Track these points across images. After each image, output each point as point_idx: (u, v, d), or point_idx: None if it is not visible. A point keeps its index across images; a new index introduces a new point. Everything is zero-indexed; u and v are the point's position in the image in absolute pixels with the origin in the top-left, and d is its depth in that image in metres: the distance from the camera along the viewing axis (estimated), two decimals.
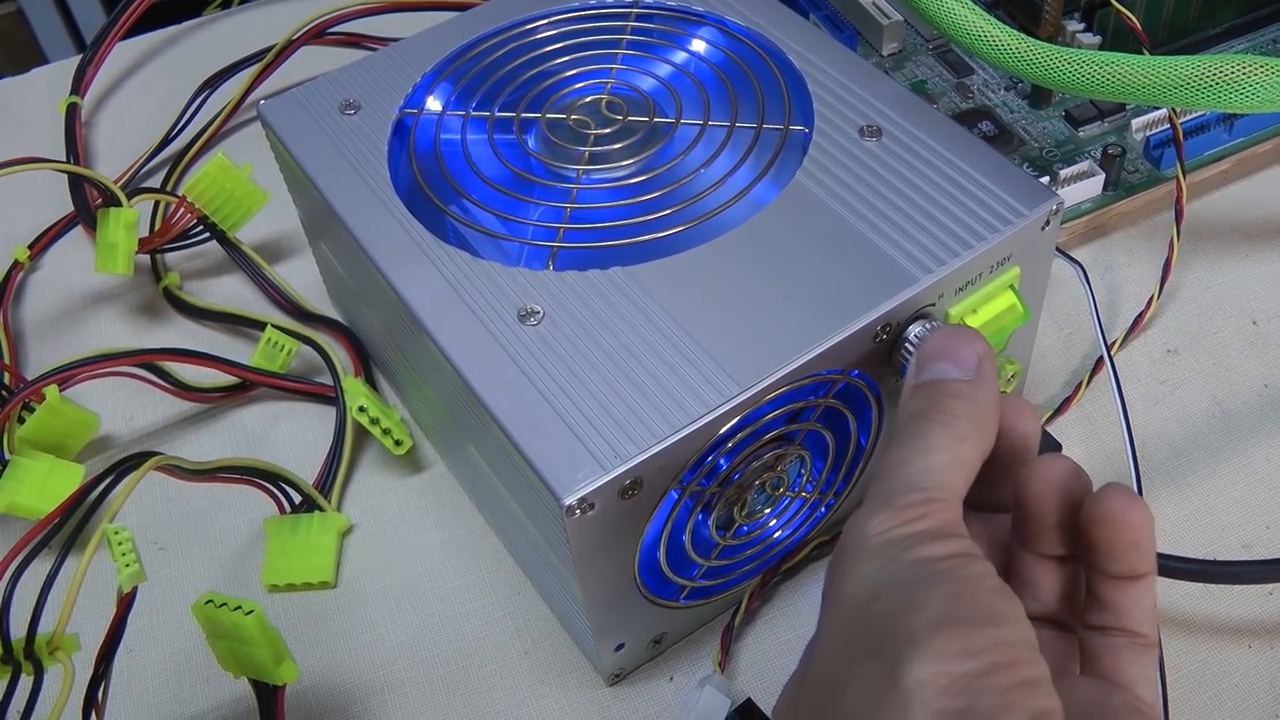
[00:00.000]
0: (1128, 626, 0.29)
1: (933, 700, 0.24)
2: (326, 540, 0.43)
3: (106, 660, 0.34)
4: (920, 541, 0.27)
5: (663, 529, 0.35)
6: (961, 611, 0.25)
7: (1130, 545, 0.28)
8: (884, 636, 0.25)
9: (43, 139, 0.62)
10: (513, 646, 0.41)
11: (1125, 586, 0.29)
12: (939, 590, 0.26)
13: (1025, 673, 0.24)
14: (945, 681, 0.24)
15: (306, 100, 0.45)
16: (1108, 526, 0.28)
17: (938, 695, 0.24)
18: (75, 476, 0.44)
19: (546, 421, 0.33)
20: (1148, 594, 0.29)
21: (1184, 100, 0.41)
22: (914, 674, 0.24)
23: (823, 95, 0.42)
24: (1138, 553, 0.28)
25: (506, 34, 0.47)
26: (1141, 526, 0.28)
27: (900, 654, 0.25)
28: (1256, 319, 0.47)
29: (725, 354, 0.34)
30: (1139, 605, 0.29)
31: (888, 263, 0.36)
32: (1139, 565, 0.29)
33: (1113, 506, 0.28)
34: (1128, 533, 0.28)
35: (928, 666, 0.24)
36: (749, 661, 0.39)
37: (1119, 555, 0.28)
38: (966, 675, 0.24)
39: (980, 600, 0.25)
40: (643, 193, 0.40)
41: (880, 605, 0.26)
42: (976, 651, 0.24)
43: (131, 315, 0.54)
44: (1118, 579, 0.29)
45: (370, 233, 0.40)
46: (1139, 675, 0.29)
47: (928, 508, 0.28)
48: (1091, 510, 0.28)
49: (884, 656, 0.25)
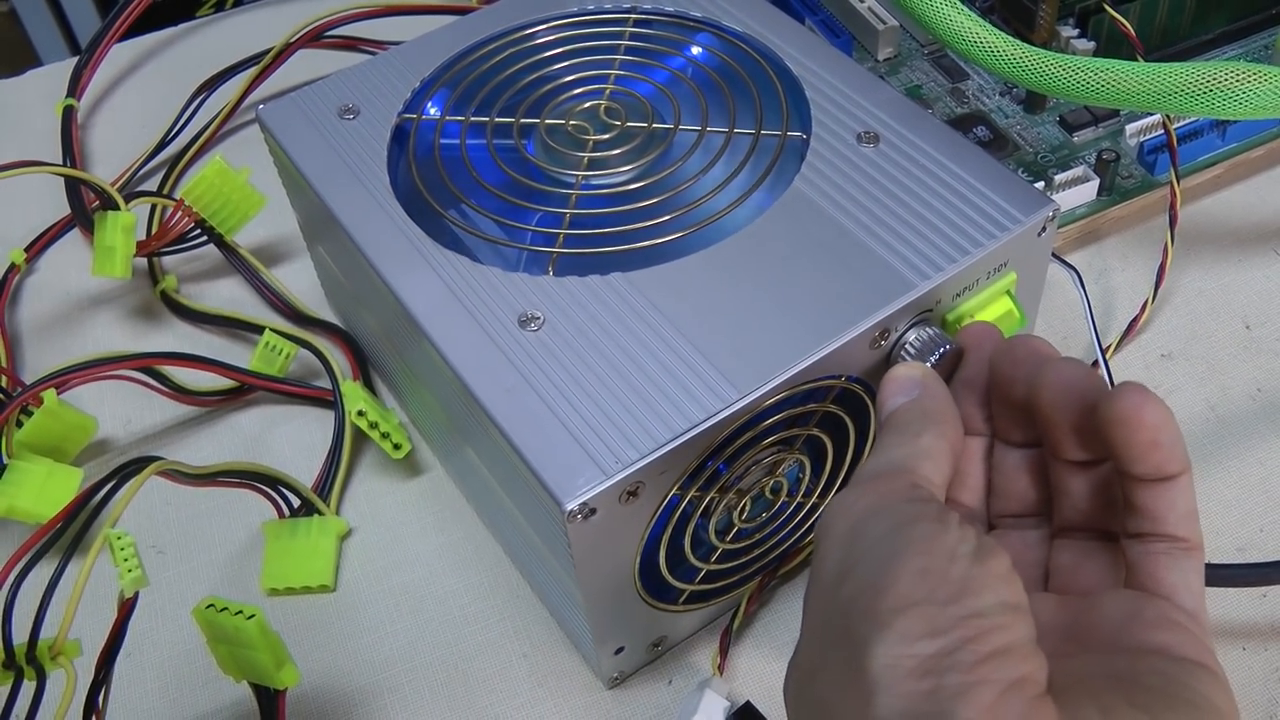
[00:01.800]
0: (1165, 530, 0.28)
1: (899, 684, 0.24)
2: (325, 544, 0.43)
3: (107, 665, 0.34)
4: (886, 506, 0.27)
5: (662, 533, 0.36)
6: (929, 589, 0.25)
7: (1149, 444, 0.27)
8: (852, 622, 0.25)
9: (39, 141, 0.62)
10: (512, 650, 0.41)
11: (1156, 489, 0.28)
12: (907, 565, 0.25)
13: (996, 641, 0.24)
14: (912, 664, 0.24)
15: (305, 105, 0.45)
16: (1122, 426, 0.27)
17: (904, 678, 0.24)
18: (74, 480, 0.44)
19: (547, 426, 0.33)
20: (1182, 495, 0.28)
21: (1178, 107, 0.41)
22: (880, 659, 0.24)
23: (820, 101, 0.42)
24: (1160, 451, 0.27)
25: (505, 39, 0.47)
26: (1157, 423, 0.27)
27: (866, 639, 0.25)
28: (1249, 323, 0.48)
29: (725, 360, 0.34)
30: (1174, 508, 0.28)
31: (885, 269, 0.36)
32: (1165, 465, 0.27)
33: (1126, 404, 0.27)
34: (1143, 431, 0.27)
35: (892, 650, 0.24)
36: (748, 664, 0.40)
37: (1140, 455, 0.27)
38: (933, 655, 0.24)
39: (950, 571, 0.25)
40: (642, 199, 0.40)
41: (849, 586, 0.26)
42: (942, 629, 0.24)
43: (129, 318, 0.54)
44: (1147, 481, 0.28)
45: (370, 238, 0.40)
46: (1178, 582, 0.28)
47: (892, 479, 0.28)
48: (1105, 411, 0.28)
49: (852, 642, 0.25)
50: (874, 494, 0.28)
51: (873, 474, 0.29)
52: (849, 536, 0.27)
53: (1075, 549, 0.31)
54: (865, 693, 0.24)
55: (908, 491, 0.28)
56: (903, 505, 0.28)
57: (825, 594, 0.27)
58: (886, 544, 0.26)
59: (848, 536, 0.27)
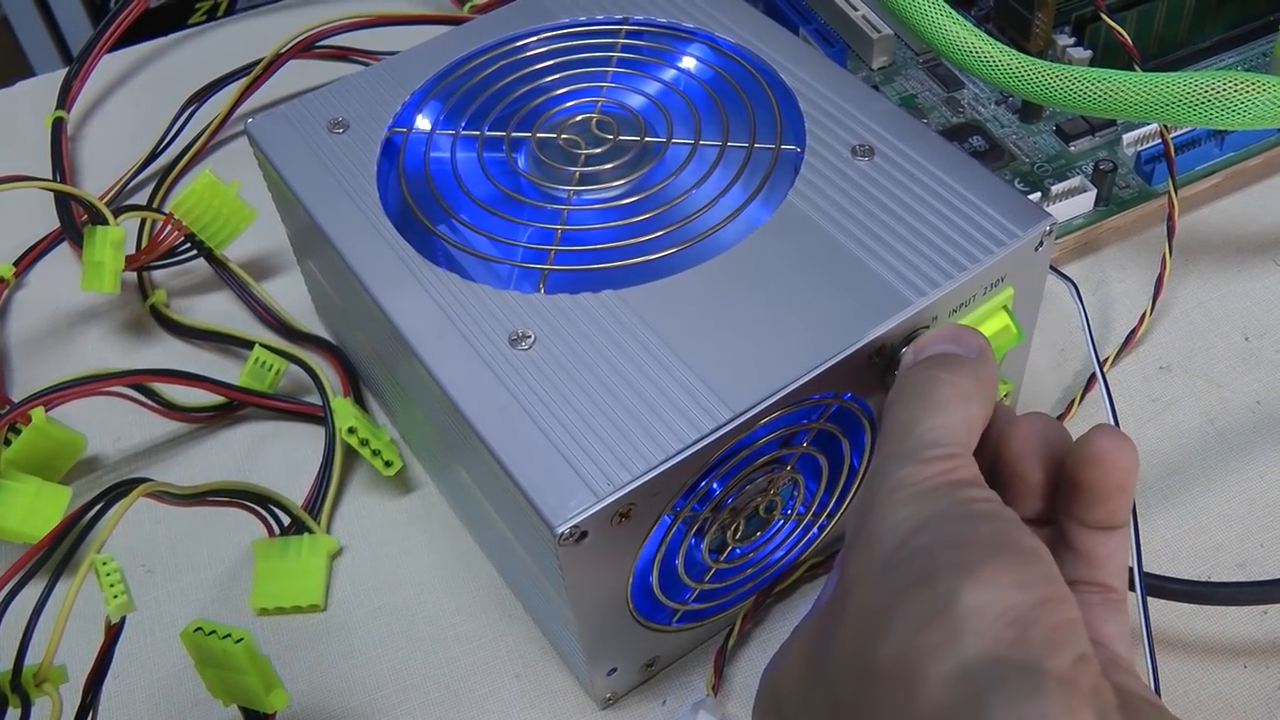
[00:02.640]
0: (1102, 580, 0.30)
1: (987, 627, 0.24)
2: (316, 563, 0.43)
3: (94, 690, 0.34)
4: (957, 487, 0.27)
5: (655, 553, 0.35)
6: (1008, 543, 0.25)
7: (1117, 488, 0.28)
8: (932, 565, 0.25)
9: (28, 153, 0.62)
10: (504, 670, 0.40)
11: (1103, 537, 0.29)
12: (983, 525, 0.26)
13: (1071, 612, 0.25)
14: (1000, 609, 0.24)
15: (294, 118, 0.45)
16: (1097, 467, 0.28)
17: (991, 622, 0.24)
18: (62, 499, 0.43)
19: (539, 447, 0.33)
20: (1122, 546, 0.30)
21: (1176, 117, 0.41)
22: (968, 599, 0.24)
23: (814, 114, 0.41)
24: (1122, 496, 0.29)
25: (496, 51, 0.47)
26: (1129, 468, 0.28)
27: (953, 579, 0.24)
28: (1249, 335, 0.47)
29: (718, 378, 0.34)
30: (1114, 557, 0.30)
31: (881, 285, 0.36)
32: (1119, 513, 0.29)
33: (1102, 446, 0.28)
34: (1116, 474, 0.28)
35: (981, 593, 0.24)
36: (742, 684, 0.39)
37: (1104, 498, 0.29)
38: (1020, 606, 0.24)
39: (1024, 538, 0.26)
40: (634, 214, 0.40)
41: (924, 537, 0.26)
42: (1029, 584, 0.24)
43: (118, 333, 0.53)
44: (1096, 530, 0.29)
45: (360, 254, 0.39)
46: (1114, 632, 0.30)
47: (955, 461, 0.28)
48: (1080, 452, 0.29)
49: (935, 583, 0.25)
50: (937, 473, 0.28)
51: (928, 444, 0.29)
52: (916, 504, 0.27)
53: None
54: (952, 631, 0.24)
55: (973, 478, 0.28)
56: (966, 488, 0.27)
57: (891, 547, 0.26)
58: (959, 509, 0.27)
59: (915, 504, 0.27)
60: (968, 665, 0.23)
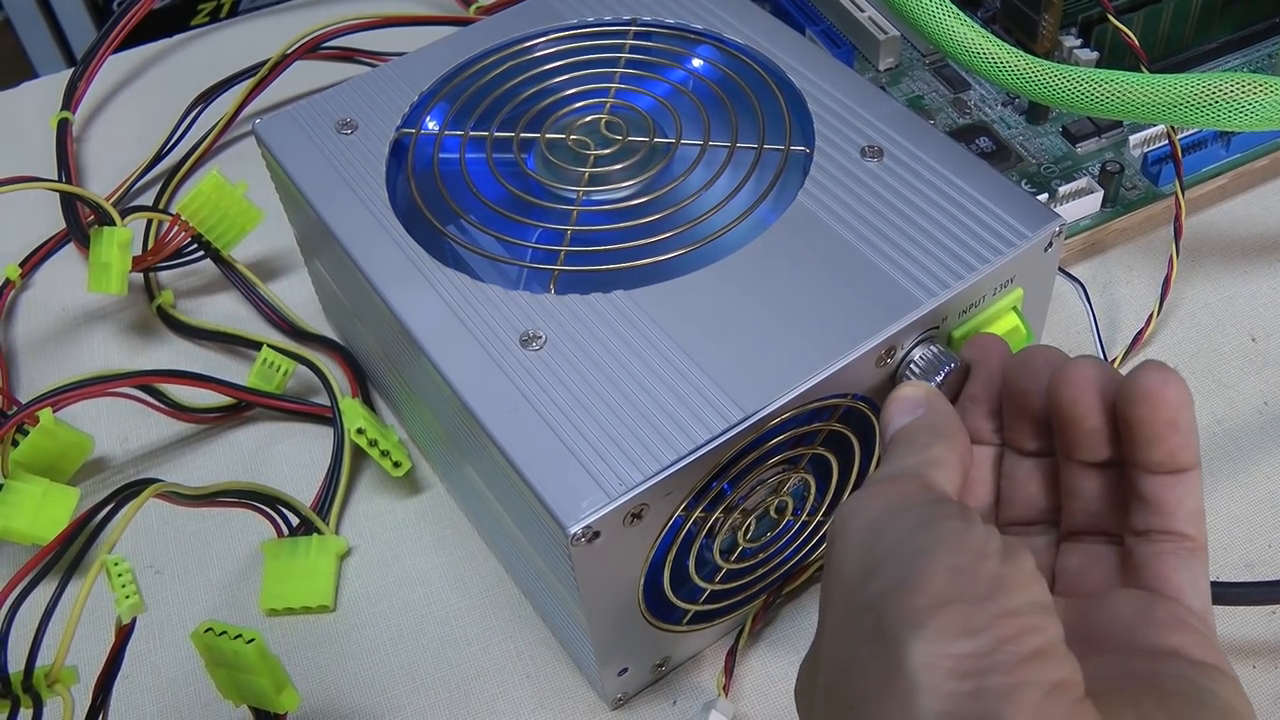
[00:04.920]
0: (1173, 527, 0.28)
1: (940, 684, 0.23)
2: (325, 563, 0.43)
3: (104, 690, 0.34)
4: (907, 506, 0.27)
5: (666, 554, 0.35)
6: (963, 587, 0.25)
7: (1168, 424, 0.27)
8: (883, 619, 0.25)
9: (34, 154, 0.62)
10: (514, 670, 0.40)
11: (1168, 482, 0.28)
12: (937, 564, 0.25)
13: (1034, 642, 0.24)
14: (951, 664, 0.23)
15: (302, 119, 0.45)
16: (1144, 403, 0.27)
17: (944, 679, 0.23)
18: (70, 500, 0.43)
19: (551, 448, 0.33)
20: (1190, 491, 0.28)
21: (1183, 119, 0.41)
22: (918, 658, 0.24)
23: (823, 115, 0.41)
24: (1177, 435, 0.28)
25: (504, 52, 0.47)
26: (1178, 403, 0.27)
27: (902, 637, 0.24)
28: (1255, 336, 0.47)
29: (730, 379, 0.34)
30: (1183, 503, 0.28)
31: (891, 286, 0.36)
32: (1179, 453, 0.28)
33: (1149, 381, 0.27)
34: (1164, 409, 0.27)
35: (931, 649, 0.24)
36: (753, 684, 0.39)
37: (1158, 436, 0.28)
38: (972, 655, 0.23)
39: (981, 569, 0.25)
40: (644, 215, 0.40)
41: (877, 583, 0.26)
42: (979, 629, 0.24)
43: (125, 334, 0.53)
44: (1160, 473, 0.28)
45: (369, 255, 0.39)
46: (1185, 582, 0.28)
47: (910, 481, 0.28)
48: (1127, 390, 0.28)
49: (886, 640, 0.24)
50: (891, 493, 0.28)
51: (886, 477, 0.29)
52: (869, 534, 0.27)
53: (1083, 552, 0.31)
54: (905, 692, 0.24)
55: (924, 492, 0.28)
56: (923, 505, 0.27)
57: (849, 591, 0.26)
58: (912, 541, 0.26)
59: (867, 534, 0.27)
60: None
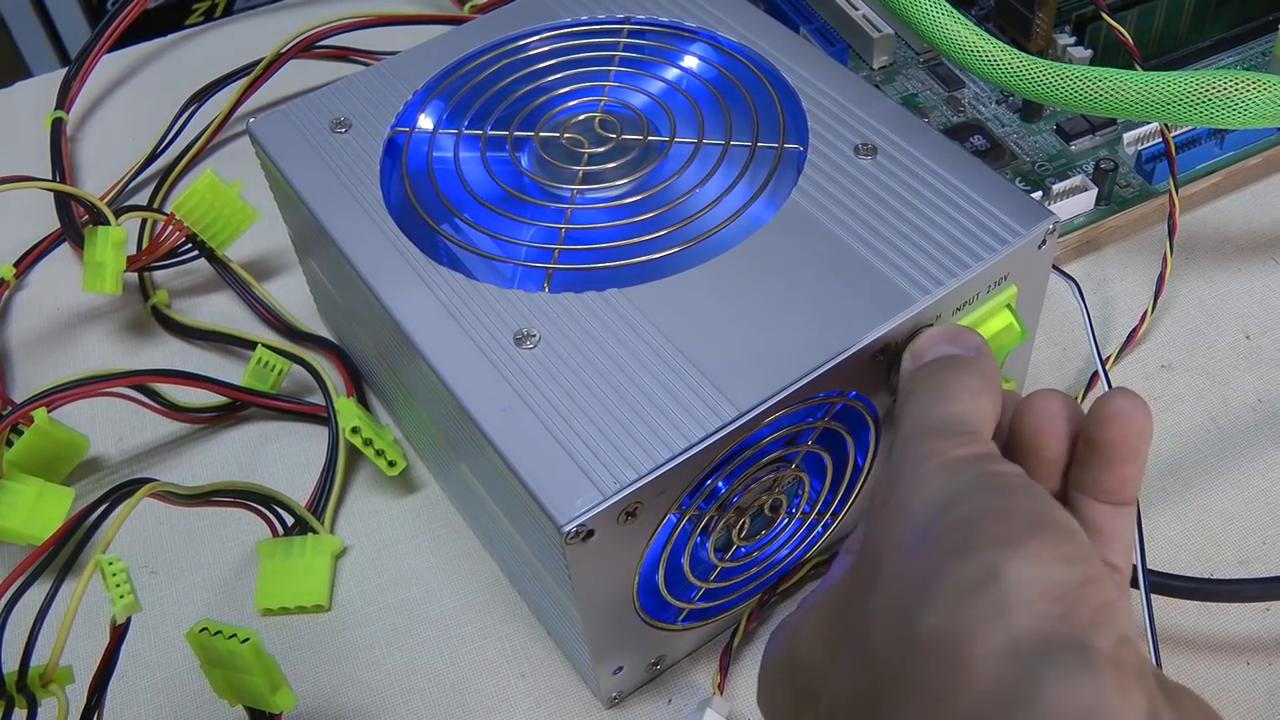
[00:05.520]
0: (1107, 558, 0.29)
1: (1033, 601, 0.24)
2: (320, 563, 0.43)
3: (99, 690, 0.34)
4: (986, 460, 0.27)
5: (661, 552, 0.35)
6: (1048, 519, 0.25)
7: (1132, 450, 0.28)
8: (974, 536, 0.25)
9: (27, 153, 0.62)
10: (509, 670, 0.40)
11: (1111, 512, 0.29)
12: (1022, 499, 0.26)
13: (1110, 592, 0.24)
14: (1045, 585, 0.24)
15: (297, 118, 0.45)
16: (1115, 424, 0.28)
17: (1037, 597, 0.24)
18: (65, 500, 0.43)
19: (544, 447, 0.33)
20: (1129, 526, 0.30)
21: (1177, 116, 0.41)
22: (1013, 573, 0.24)
23: (817, 113, 0.41)
24: (1135, 462, 0.29)
25: (498, 51, 0.47)
26: (1144, 429, 0.28)
27: (997, 553, 0.24)
28: (1250, 333, 0.47)
29: (723, 377, 0.34)
30: (1120, 535, 0.30)
31: (885, 283, 0.36)
32: (1129, 483, 0.29)
33: (1121, 404, 0.28)
34: (1132, 433, 0.28)
35: (1026, 567, 0.24)
36: (748, 683, 0.39)
37: (1120, 459, 0.28)
38: (1065, 582, 0.24)
39: (1061, 513, 0.26)
40: (638, 213, 0.40)
41: (961, 509, 0.26)
42: (1071, 560, 0.24)
43: (119, 334, 0.53)
44: (1105, 504, 0.29)
45: (363, 253, 0.39)
46: None
47: (977, 437, 0.28)
48: (1098, 410, 0.28)
49: (978, 554, 0.25)
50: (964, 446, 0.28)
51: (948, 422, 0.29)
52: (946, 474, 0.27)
53: None
54: (997, 606, 0.24)
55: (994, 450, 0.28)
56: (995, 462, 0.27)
57: (925, 519, 0.26)
58: (994, 481, 0.26)
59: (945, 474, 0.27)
60: (1017, 640, 0.23)
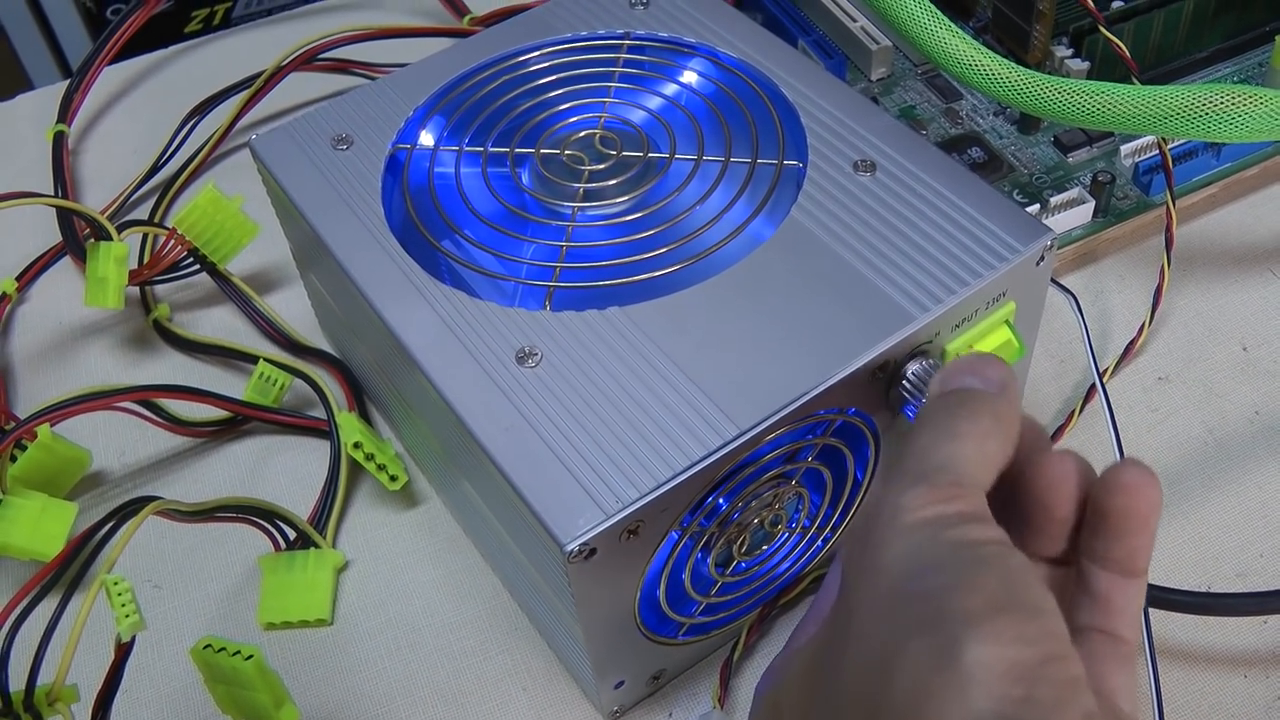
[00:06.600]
0: (1114, 628, 0.29)
1: (993, 683, 0.23)
2: (322, 577, 0.43)
3: (104, 708, 0.34)
4: (961, 522, 0.27)
5: (662, 568, 0.35)
6: (1014, 598, 0.25)
7: (1141, 522, 0.28)
8: (936, 614, 0.25)
9: (29, 166, 0.62)
10: (511, 684, 0.40)
11: (1121, 584, 0.29)
12: (992, 572, 0.25)
13: (1074, 669, 0.24)
14: (1005, 666, 0.24)
15: (298, 134, 0.45)
16: (1125, 494, 0.28)
17: (998, 679, 0.23)
18: (68, 515, 0.43)
19: (546, 465, 0.33)
20: (1137, 598, 0.29)
21: (1174, 130, 0.41)
22: (973, 654, 0.24)
23: (816, 128, 0.42)
24: (1145, 534, 0.28)
25: (498, 66, 0.47)
26: (1155, 502, 0.28)
27: (957, 633, 0.24)
28: (1247, 345, 0.48)
29: (724, 395, 0.34)
30: (1129, 607, 0.29)
31: (885, 301, 0.36)
32: (1139, 554, 0.29)
33: (1133, 475, 0.28)
34: (1143, 505, 0.28)
35: (987, 649, 0.24)
36: (748, 696, 0.39)
37: (1130, 531, 0.28)
38: (1025, 663, 0.24)
39: (1029, 591, 0.25)
40: (638, 230, 0.40)
41: (927, 581, 0.26)
42: (1033, 640, 0.24)
43: (121, 348, 0.53)
44: (1115, 574, 0.29)
45: (365, 271, 0.40)
46: (1120, 685, 0.29)
47: (962, 490, 0.28)
48: (1109, 479, 0.28)
49: (938, 634, 0.24)
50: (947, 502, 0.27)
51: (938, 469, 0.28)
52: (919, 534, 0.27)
53: None
54: (959, 683, 0.24)
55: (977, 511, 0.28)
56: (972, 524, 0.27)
57: (893, 585, 0.26)
58: (966, 551, 0.26)
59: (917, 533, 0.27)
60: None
